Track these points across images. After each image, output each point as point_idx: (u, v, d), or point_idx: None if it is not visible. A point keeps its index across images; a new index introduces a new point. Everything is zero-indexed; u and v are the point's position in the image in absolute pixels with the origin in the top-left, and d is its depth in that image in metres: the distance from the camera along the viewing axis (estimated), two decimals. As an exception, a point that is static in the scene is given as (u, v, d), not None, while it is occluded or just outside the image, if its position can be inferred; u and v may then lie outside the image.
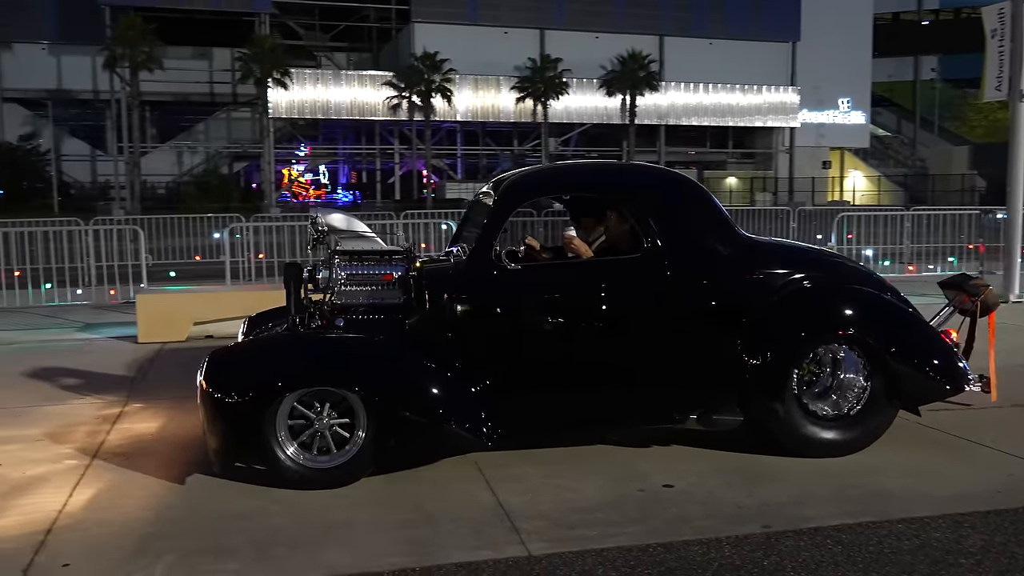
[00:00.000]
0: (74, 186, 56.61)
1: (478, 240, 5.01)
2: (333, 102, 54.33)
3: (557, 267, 5.39)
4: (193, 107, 57.83)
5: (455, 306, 4.86)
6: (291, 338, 5.22)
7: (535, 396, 4.92)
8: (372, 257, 5.45)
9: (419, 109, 53.73)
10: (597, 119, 58.82)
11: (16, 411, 6.45)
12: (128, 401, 6.70)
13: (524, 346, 4.89)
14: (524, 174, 5.63)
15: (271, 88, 51.25)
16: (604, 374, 4.95)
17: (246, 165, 60.09)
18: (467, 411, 4.74)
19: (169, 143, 58.41)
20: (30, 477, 4.92)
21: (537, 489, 4.64)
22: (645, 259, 5.01)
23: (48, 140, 53.52)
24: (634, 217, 5.10)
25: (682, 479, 4.78)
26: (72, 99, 55.79)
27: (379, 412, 4.60)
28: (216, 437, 4.60)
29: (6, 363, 8.21)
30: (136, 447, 5.44)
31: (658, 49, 59.10)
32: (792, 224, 16.97)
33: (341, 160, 63.04)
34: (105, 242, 13.56)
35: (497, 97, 56.65)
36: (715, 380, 5.03)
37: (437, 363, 4.78)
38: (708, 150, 63.79)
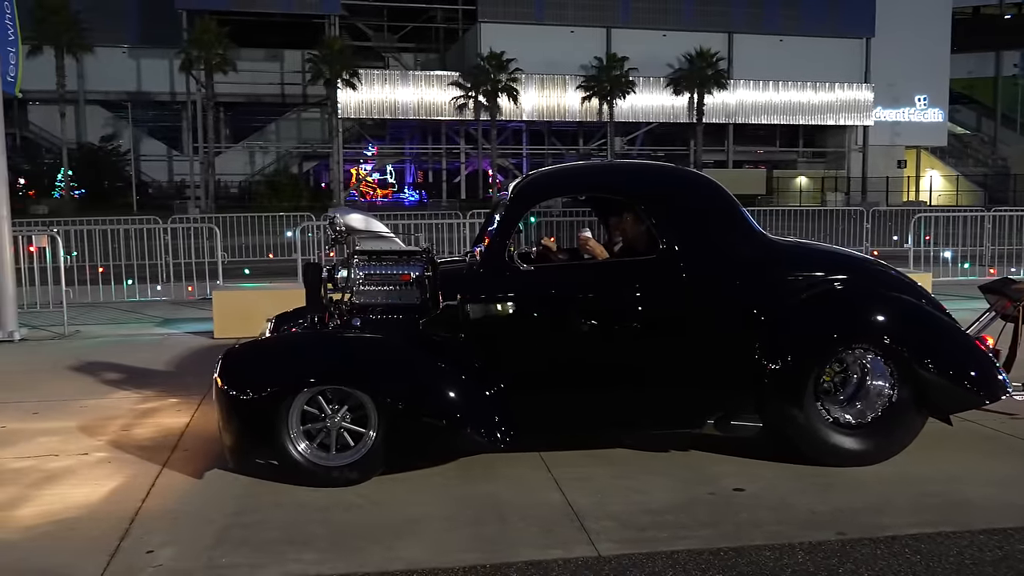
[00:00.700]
0: (152, 185, 58.46)
1: (491, 241, 5.03)
2: (400, 102, 54.99)
3: (570, 268, 5.36)
4: (264, 108, 59.17)
5: (468, 307, 4.88)
6: (305, 337, 5.30)
7: (548, 398, 4.90)
8: (390, 257, 5.50)
9: (485, 109, 54.00)
10: (663, 118, 58.28)
11: (105, 403, 6.71)
12: (208, 394, 6.90)
13: (537, 347, 4.88)
14: (538, 174, 5.61)
15: (340, 89, 52.13)
16: (618, 376, 4.89)
17: (315, 164, 61.22)
18: (480, 412, 4.73)
19: (242, 143, 59.87)
20: (114, 466, 5.13)
21: (606, 490, 4.65)
22: (661, 260, 4.95)
23: (127, 141, 55.38)
24: (650, 218, 5.03)
25: (752, 483, 4.74)
26: (150, 101, 57.63)
27: (390, 412, 4.62)
28: (230, 434, 4.68)
29: (92, 355, 8.55)
30: (217, 440, 5.60)
31: (727, 47, 58.28)
32: (866, 225, 16.57)
33: (408, 160, 63.73)
34: (183, 240, 14.00)
35: (563, 96, 56.58)
36: (733, 384, 4.93)
37: (450, 364, 4.78)
38: (777, 149, 62.66)
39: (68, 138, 51.30)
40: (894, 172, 60.45)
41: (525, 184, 5.35)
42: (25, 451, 5.45)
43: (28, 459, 5.29)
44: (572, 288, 4.96)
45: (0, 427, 6.01)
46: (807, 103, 59.35)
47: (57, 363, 8.22)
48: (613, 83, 54.97)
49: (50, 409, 6.49)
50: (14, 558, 3.89)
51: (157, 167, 58.89)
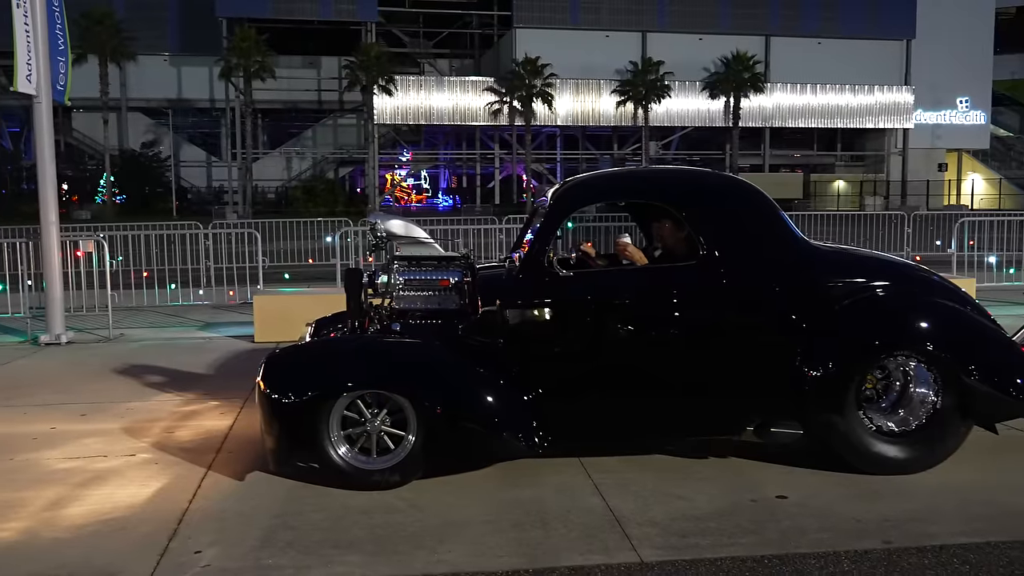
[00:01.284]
0: (191, 191, 59.37)
1: (530, 246, 5.04)
2: (436, 108, 55.31)
3: (609, 274, 5.35)
4: (301, 114, 59.85)
5: (507, 312, 4.89)
6: (346, 341, 5.35)
7: (586, 403, 4.90)
8: (430, 263, 5.53)
9: (519, 114, 54.11)
10: (699, 122, 57.96)
11: (149, 405, 6.83)
12: (250, 398, 6.99)
13: (575, 353, 4.88)
14: (577, 180, 5.61)
15: (376, 95, 52.56)
16: (656, 382, 4.89)
17: (351, 170, 61.73)
18: (518, 418, 4.75)
19: (279, 149, 60.57)
20: (159, 467, 5.22)
21: (647, 495, 4.64)
22: (700, 266, 4.92)
23: (168, 147, 56.30)
24: (689, 223, 5.01)
25: (796, 490, 4.70)
26: (190, 108, 58.56)
27: (429, 416, 4.66)
28: (272, 437, 4.72)
29: (136, 358, 8.71)
30: (260, 443, 5.67)
31: (764, 50, 57.84)
32: (907, 229, 16.33)
33: (442, 165, 64.05)
34: (224, 245, 14.20)
35: (597, 101, 56.52)
36: (772, 391, 4.88)
37: (489, 369, 4.81)
38: (815, 152, 62.02)
39: (110, 145, 52.33)
40: (935, 175, 59.51)
41: (564, 190, 5.37)
42: (74, 451, 5.57)
43: (77, 459, 5.40)
44: (611, 294, 4.95)
45: (50, 428, 6.14)
46: (845, 106, 58.66)
47: (103, 366, 8.38)
48: (648, 87, 54.80)
49: (97, 411, 6.62)
50: (65, 556, 3.98)
51: (196, 173, 59.80)
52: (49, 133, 9.78)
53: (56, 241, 9.78)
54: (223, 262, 14.14)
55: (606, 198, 6.08)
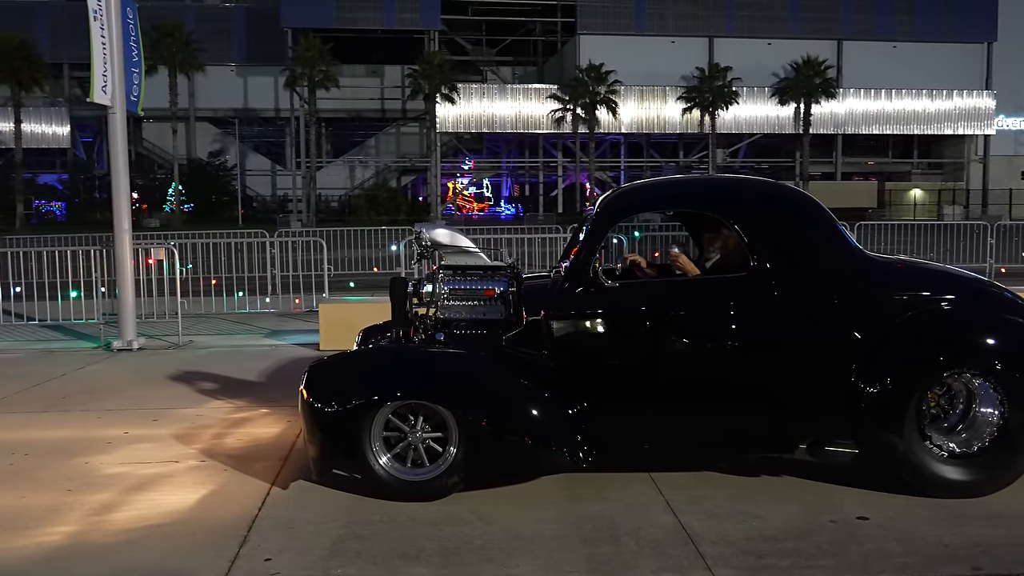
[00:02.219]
0: (256, 199, 60.75)
1: (575, 256, 4.98)
2: (498, 116, 55.64)
3: (656, 285, 5.29)
4: (365, 123, 60.80)
5: (552, 323, 4.87)
6: (389, 351, 5.38)
7: (632, 418, 4.85)
8: (475, 272, 5.52)
9: (583, 121, 54.09)
10: (768, 129, 57.17)
11: (218, 412, 6.99)
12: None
13: (622, 366, 4.83)
14: (626, 189, 5.57)
15: (439, 103, 53.12)
16: (705, 397, 4.81)
17: (413, 178, 62.44)
18: (562, 431, 4.74)
19: (342, 158, 61.62)
20: (229, 474, 5.32)
21: (720, 513, 4.56)
22: (751, 277, 4.84)
23: (234, 156, 57.73)
24: (740, 234, 4.92)
25: (878, 511, 4.57)
26: (256, 117, 60.00)
27: (471, 428, 4.66)
28: (314, 446, 4.79)
29: (205, 365, 8.92)
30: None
31: (836, 54, 56.80)
32: (991, 240, 15.81)
33: (504, 173, 64.31)
34: (290, 253, 14.48)
35: (663, 108, 56.19)
36: (827, 408, 4.77)
37: (533, 381, 4.80)
38: (890, 160, 60.60)
39: (179, 154, 53.94)
40: (1017, 183, 57.54)
41: (612, 199, 5.34)
42: (145, 456, 5.73)
43: (149, 464, 5.55)
44: (658, 305, 4.89)
45: (123, 432, 6.32)
46: (922, 112, 57.22)
47: (173, 372, 8.60)
48: (715, 94, 54.27)
49: (168, 416, 6.79)
50: (140, 558, 4.08)
51: (261, 182, 61.18)
52: (123, 143, 10.10)
53: (129, 249, 10.09)
54: (289, 270, 14.41)
55: (654, 207, 6.02)
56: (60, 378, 8.47)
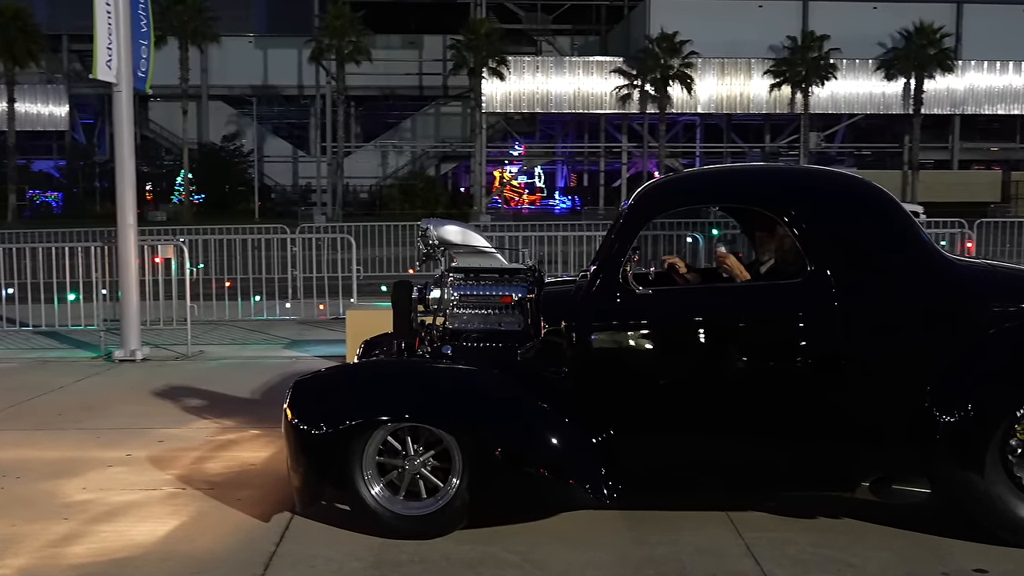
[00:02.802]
0: (275, 189, 61.67)
1: (602, 259, 4.96)
2: (554, 93, 55.72)
3: (696, 293, 5.27)
4: (400, 102, 61.34)
5: (573, 336, 4.86)
6: (386, 365, 5.42)
7: (665, 448, 4.85)
8: (490, 276, 5.52)
9: (652, 100, 53.90)
10: (871, 109, 56.37)
11: (229, 434, 7.13)
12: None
13: (654, 387, 4.82)
14: (662, 180, 5.55)
15: (485, 79, 53.36)
16: (750, 424, 4.77)
17: (455, 166, 62.85)
18: (582, 462, 4.75)
19: (373, 142, 62.24)
20: (244, 503, 5.43)
21: (808, 561, 4.53)
22: (808, 285, 4.78)
23: (250, 140, 58.61)
24: (796, 233, 4.88)
25: (999, 563, 4.49)
26: (276, 95, 60.90)
27: (477, 457, 4.68)
28: (298, 473, 4.85)
29: (216, 379, 9.10)
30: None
31: (954, 19, 55.75)
32: None
33: (560, 160, 64.38)
34: (314, 252, 14.68)
35: (746, 84, 55.76)
36: (895, 439, 4.70)
37: (550, 403, 4.82)
38: (1018, 146, 59.24)
39: (189, 137, 54.91)
40: None
41: (646, 191, 5.34)
42: (150, 482, 5.89)
43: (154, 491, 5.70)
44: (696, 317, 4.87)
45: (125, 455, 6.49)
46: (1058, 88, 55.92)
47: (181, 386, 8.79)
48: (809, 67, 53.65)
49: (175, 439, 6.95)
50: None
51: (281, 169, 62.06)
52: (129, 125, 10.37)
53: (133, 246, 10.33)
54: (312, 271, 14.61)
55: (694, 201, 5.97)
56: (56, 392, 8.72)
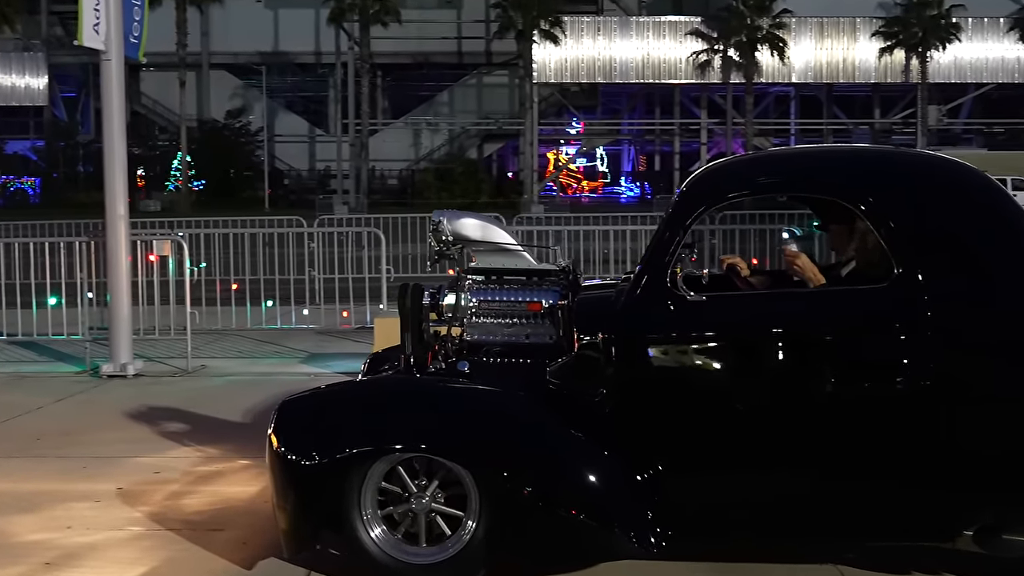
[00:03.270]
0: (288, 174, 62.27)
1: (646, 259, 4.91)
2: (618, 60, 55.64)
3: (758, 300, 5.19)
4: (435, 71, 61.62)
5: (611, 350, 4.82)
6: (390, 384, 5.40)
7: (723, 487, 4.77)
8: (516, 279, 5.49)
9: (737, 67, 53.63)
10: (1004, 77, 55.64)
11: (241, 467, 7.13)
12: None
13: (709, 413, 4.75)
14: (713, 167, 5.53)
15: (537, 43, 53.42)
16: (826, 460, 4.68)
17: (500, 146, 63.01)
18: (625, 503, 4.71)
19: (403, 119, 62.64)
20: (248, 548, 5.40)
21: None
22: (893, 291, 4.68)
23: (259, 116, 59.20)
24: (879, 229, 4.77)
25: None
26: (289, 64, 61.48)
27: (497, 496, 4.65)
28: (286, 513, 4.84)
29: (220, 399, 9.12)
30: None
31: (1106, -32, 54.80)
32: None
33: (626, 140, 64.32)
34: (336, 248, 14.70)
35: (850, 48, 55.30)
36: (1002, 480, 4.59)
37: (586, 431, 4.78)
38: None
39: (187, 113, 55.65)
40: None
41: (697, 178, 5.34)
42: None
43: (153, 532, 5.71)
44: (756, 328, 4.81)
45: (116, 488, 6.50)
46: None
47: (178, 407, 8.81)
48: (927, 27, 53.04)
49: (170, 469, 6.96)
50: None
51: (295, 151, 62.69)
52: (120, 99, 10.44)
53: (125, 241, 10.41)
54: (334, 271, 14.63)
55: (754, 189, 5.83)
56: (34, 413, 8.79)
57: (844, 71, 55.90)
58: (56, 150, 60.54)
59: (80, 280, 11.39)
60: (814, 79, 56.33)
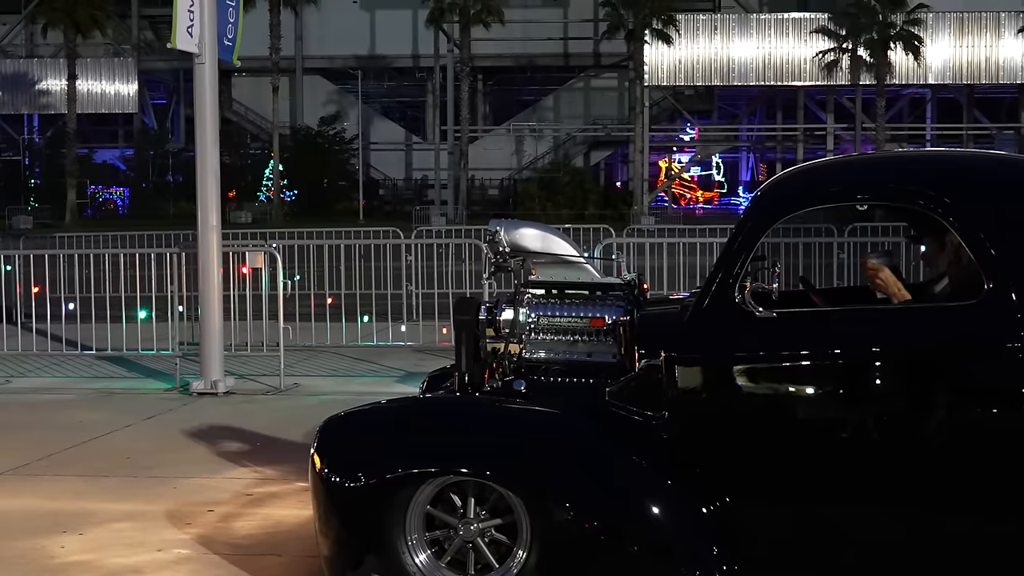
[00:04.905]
0: (383, 184, 62.98)
1: (713, 273, 4.88)
2: (736, 61, 55.23)
3: (836, 317, 5.06)
4: (539, 74, 61.85)
5: (675, 371, 4.78)
6: (440, 404, 5.47)
7: (794, 523, 4.71)
8: (577, 293, 5.48)
9: (867, 68, 52.78)
10: None
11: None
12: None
13: (781, 440, 4.70)
14: (787, 175, 5.53)
15: (648, 44, 53.30)
16: (911, 493, 4.57)
17: (609, 154, 63.00)
18: (689, 536, 4.69)
19: (505, 125, 62.98)
20: None
21: None
22: (984, 310, 4.56)
23: (354, 123, 59.94)
24: (967, 241, 4.64)
25: None
26: (386, 68, 62.28)
27: (550, 525, 4.65)
28: (328, 538, 4.95)
29: (315, 420, 9.24)
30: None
31: None
32: None
33: (744, 147, 63.76)
34: (435, 262, 14.83)
35: (994, 45, 54.09)
36: None
37: (647, 458, 4.77)
38: None
39: (280, 120, 56.60)
40: None
41: (770, 187, 5.35)
42: (238, 547, 6.02)
43: (235, 557, 5.83)
44: (829, 348, 4.73)
45: (208, 511, 6.66)
46: None
47: (272, 427, 8.98)
48: (1080, 22, 51.62)
49: (263, 491, 7.09)
50: None
51: (391, 159, 63.43)
52: (213, 105, 10.70)
53: (217, 253, 10.65)
54: (433, 286, 14.76)
55: (830, 198, 5.72)
56: (123, 431, 9.04)
57: (987, 71, 54.62)
58: (146, 159, 62.14)
59: (170, 293, 11.64)
60: (953, 80, 55.16)
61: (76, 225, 46.08)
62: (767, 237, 5.09)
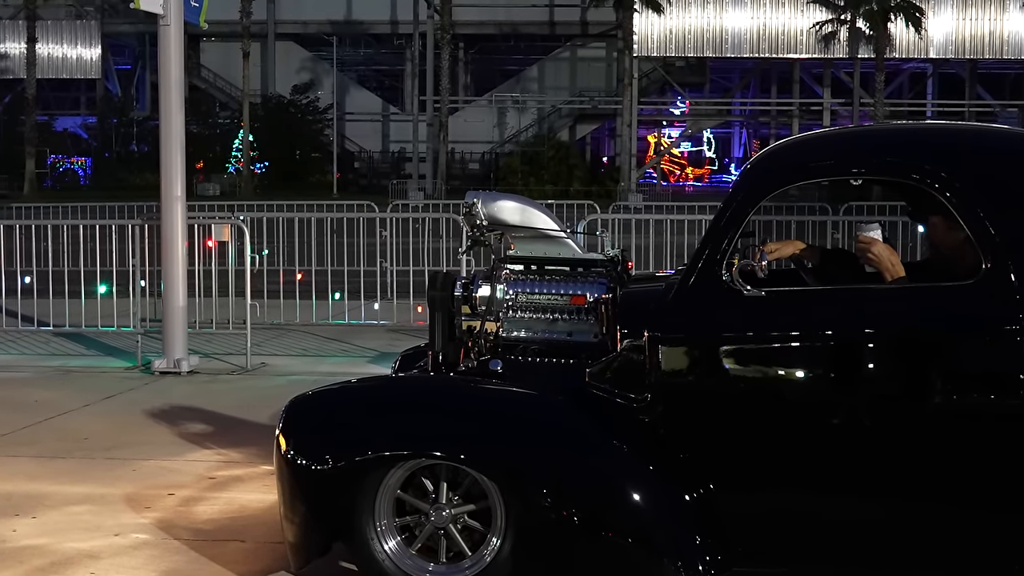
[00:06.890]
0: (359, 156, 62.81)
1: (699, 249, 4.87)
2: (730, 31, 55.18)
3: (826, 296, 5.06)
4: (523, 43, 61.71)
5: (657, 351, 4.77)
6: (411, 383, 5.50)
7: (784, 507, 4.72)
8: (558, 269, 5.51)
9: (867, 40, 52.84)
10: None
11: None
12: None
13: (769, 424, 4.71)
14: (775, 148, 5.57)
15: (638, 12, 53.22)
16: (901, 479, 4.60)
17: (595, 128, 62.95)
18: (672, 525, 4.72)
19: (487, 96, 62.83)
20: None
21: None
22: (980, 289, 4.58)
23: (329, 93, 59.73)
24: (965, 218, 4.65)
25: None
26: (362, 34, 62.04)
27: (525, 511, 4.67)
28: (294, 523, 4.97)
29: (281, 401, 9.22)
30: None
31: None
32: None
33: (737, 122, 63.82)
34: (411, 238, 14.80)
35: (999, 17, 54.23)
36: None
37: (628, 442, 4.78)
38: None
39: (250, 88, 56.38)
40: None
41: (761, 159, 5.39)
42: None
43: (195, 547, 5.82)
44: (827, 328, 4.73)
45: (168, 494, 6.65)
46: None
47: (236, 408, 8.97)
48: (1088, -5, 51.76)
49: (226, 474, 7.10)
50: None
51: (367, 130, 63.25)
52: (178, 70, 10.64)
53: (181, 224, 10.60)
54: (408, 263, 14.74)
55: (820, 171, 5.72)
56: (81, 410, 9.01)
57: (991, 45, 54.70)
58: (109, 127, 61.70)
59: (132, 267, 11.60)
60: (955, 54, 55.21)
61: (35, 196, 45.88)
62: (756, 213, 5.10)
